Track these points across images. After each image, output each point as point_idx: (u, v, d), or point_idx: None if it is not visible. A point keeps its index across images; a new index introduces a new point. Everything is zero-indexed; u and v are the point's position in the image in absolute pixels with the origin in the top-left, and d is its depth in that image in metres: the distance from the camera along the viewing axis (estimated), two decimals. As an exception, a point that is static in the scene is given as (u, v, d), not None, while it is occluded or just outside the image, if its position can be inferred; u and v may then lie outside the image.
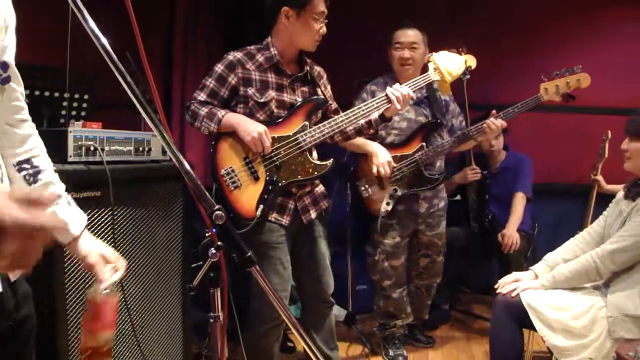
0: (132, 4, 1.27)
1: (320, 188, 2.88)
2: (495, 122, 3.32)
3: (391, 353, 3.64)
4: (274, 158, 2.62)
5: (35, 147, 1.44)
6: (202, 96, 2.66)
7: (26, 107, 1.43)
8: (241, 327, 2.81)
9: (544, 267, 2.71)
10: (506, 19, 4.74)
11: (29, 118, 1.44)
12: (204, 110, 2.62)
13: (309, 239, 2.82)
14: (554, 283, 2.57)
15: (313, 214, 2.79)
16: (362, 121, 2.80)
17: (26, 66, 2.62)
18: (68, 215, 1.44)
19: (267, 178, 2.61)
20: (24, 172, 1.37)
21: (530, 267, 2.77)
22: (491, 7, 4.74)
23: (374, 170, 3.27)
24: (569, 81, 3.19)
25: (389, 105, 2.70)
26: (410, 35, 3.45)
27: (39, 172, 1.41)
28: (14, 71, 1.35)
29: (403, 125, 3.50)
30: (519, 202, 4.06)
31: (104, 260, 1.46)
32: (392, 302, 3.65)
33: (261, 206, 2.57)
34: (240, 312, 2.82)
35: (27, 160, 1.40)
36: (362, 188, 3.51)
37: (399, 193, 3.43)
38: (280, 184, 2.62)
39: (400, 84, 2.78)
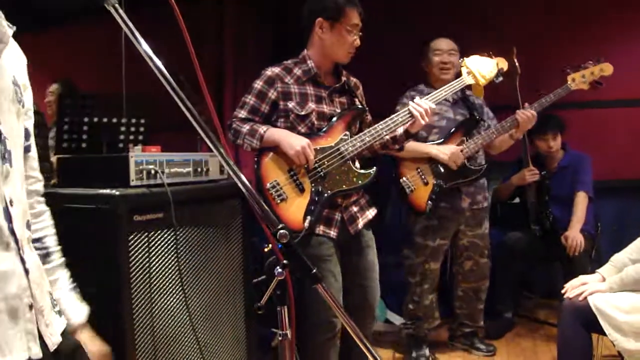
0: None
1: (365, 197, 2.86)
2: (525, 112, 3.39)
3: (414, 354, 3.66)
4: (318, 169, 2.62)
5: (47, 227, 1.42)
6: (242, 113, 2.69)
7: (42, 179, 1.41)
8: (298, 338, 2.84)
9: (611, 269, 2.63)
10: (553, 14, 4.63)
11: (42, 191, 1.41)
12: (245, 128, 2.64)
13: (356, 249, 2.81)
14: (623, 285, 2.49)
15: (360, 224, 2.77)
16: (388, 137, 2.79)
17: (85, 95, 2.73)
18: (70, 304, 1.41)
19: (313, 189, 2.62)
20: (37, 251, 1.32)
21: (596, 270, 2.70)
22: (537, 3, 4.65)
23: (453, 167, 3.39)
24: (593, 71, 3.41)
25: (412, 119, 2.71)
26: (446, 43, 3.60)
27: (49, 254, 1.39)
28: (33, 140, 1.34)
29: (442, 123, 3.56)
30: (581, 202, 3.95)
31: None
32: (422, 307, 3.65)
33: (308, 217, 2.58)
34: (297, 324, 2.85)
35: (39, 240, 1.38)
36: (406, 185, 3.48)
37: (444, 186, 3.46)
38: (325, 195, 2.62)
39: (437, 89, 2.82)
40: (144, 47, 1.19)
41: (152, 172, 2.22)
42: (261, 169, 2.64)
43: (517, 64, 3.67)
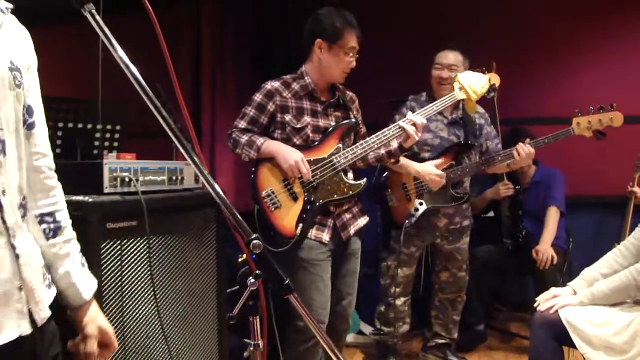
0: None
1: (358, 206, 2.97)
2: (524, 148, 3.30)
3: None
4: (311, 179, 2.73)
5: (57, 202, 1.39)
6: (242, 124, 2.81)
7: (51, 154, 1.38)
8: (282, 345, 2.88)
9: (582, 283, 2.66)
10: (531, 32, 4.69)
11: (54, 167, 1.39)
12: (244, 138, 2.76)
13: (344, 256, 2.92)
14: (593, 300, 2.52)
15: (351, 231, 2.89)
16: (383, 150, 2.89)
17: (59, 99, 2.70)
18: (81, 278, 1.40)
19: (305, 198, 2.74)
20: (44, 225, 1.33)
21: (567, 283, 2.73)
22: (514, 20, 4.71)
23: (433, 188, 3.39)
24: (601, 119, 3.17)
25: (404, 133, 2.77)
26: (450, 57, 3.55)
27: (60, 228, 1.37)
28: (40, 117, 1.32)
29: (435, 142, 3.56)
30: (552, 216, 4.00)
31: (100, 336, 1.41)
32: (393, 308, 3.69)
33: (300, 224, 2.70)
34: (280, 331, 2.86)
35: (50, 214, 1.36)
36: (389, 197, 3.62)
37: (424, 207, 3.49)
38: (317, 204, 2.74)
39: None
40: (120, 53, 1.19)
41: (126, 179, 2.21)
42: (257, 178, 2.78)
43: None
